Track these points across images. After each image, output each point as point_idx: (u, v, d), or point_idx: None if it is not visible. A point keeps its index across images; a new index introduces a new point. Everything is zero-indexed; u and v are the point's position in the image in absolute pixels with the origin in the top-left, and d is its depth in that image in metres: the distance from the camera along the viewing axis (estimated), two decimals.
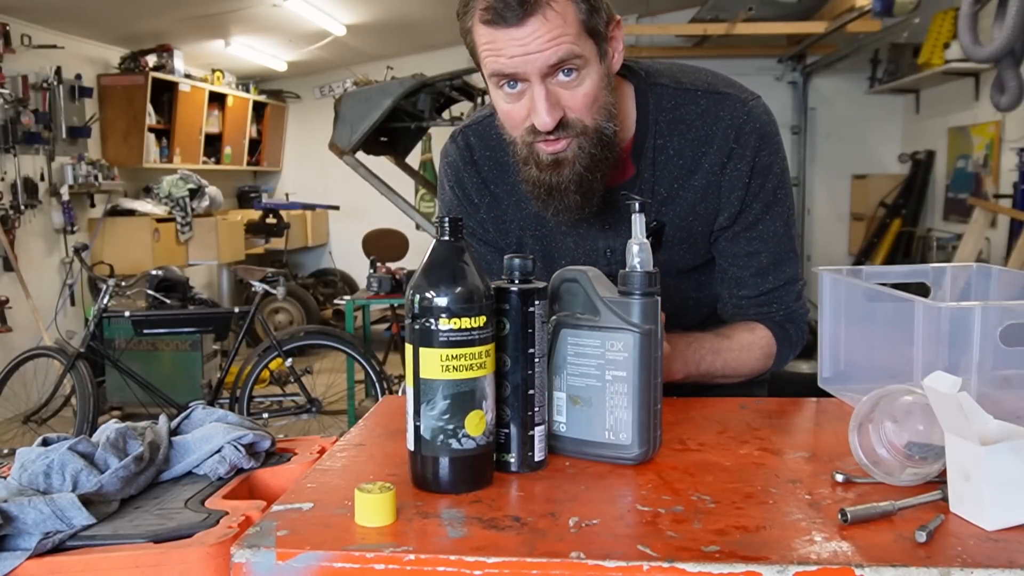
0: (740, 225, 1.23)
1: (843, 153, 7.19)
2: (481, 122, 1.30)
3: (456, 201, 1.31)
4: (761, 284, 1.26)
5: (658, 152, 1.21)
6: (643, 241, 0.93)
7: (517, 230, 1.30)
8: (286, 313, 6.60)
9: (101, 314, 4.20)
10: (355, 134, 4.39)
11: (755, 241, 1.24)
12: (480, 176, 1.29)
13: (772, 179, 1.22)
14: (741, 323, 1.28)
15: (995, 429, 0.78)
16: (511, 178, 1.25)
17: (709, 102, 1.20)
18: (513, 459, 0.90)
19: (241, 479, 0.96)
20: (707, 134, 1.20)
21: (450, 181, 1.32)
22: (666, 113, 1.20)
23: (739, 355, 1.25)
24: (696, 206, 1.22)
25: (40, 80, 5.17)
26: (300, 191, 7.96)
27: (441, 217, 0.85)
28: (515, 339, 0.88)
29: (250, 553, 0.72)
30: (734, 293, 1.28)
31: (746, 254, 1.25)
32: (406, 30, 6.66)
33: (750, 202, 1.22)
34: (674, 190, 1.22)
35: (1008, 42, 2.83)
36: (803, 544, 0.72)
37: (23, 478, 0.89)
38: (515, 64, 1.03)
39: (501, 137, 1.20)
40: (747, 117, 1.19)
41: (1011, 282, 1.17)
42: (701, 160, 1.20)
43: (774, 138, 1.22)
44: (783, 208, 1.25)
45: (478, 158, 1.29)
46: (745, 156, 1.19)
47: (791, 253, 1.27)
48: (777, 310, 1.28)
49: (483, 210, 1.30)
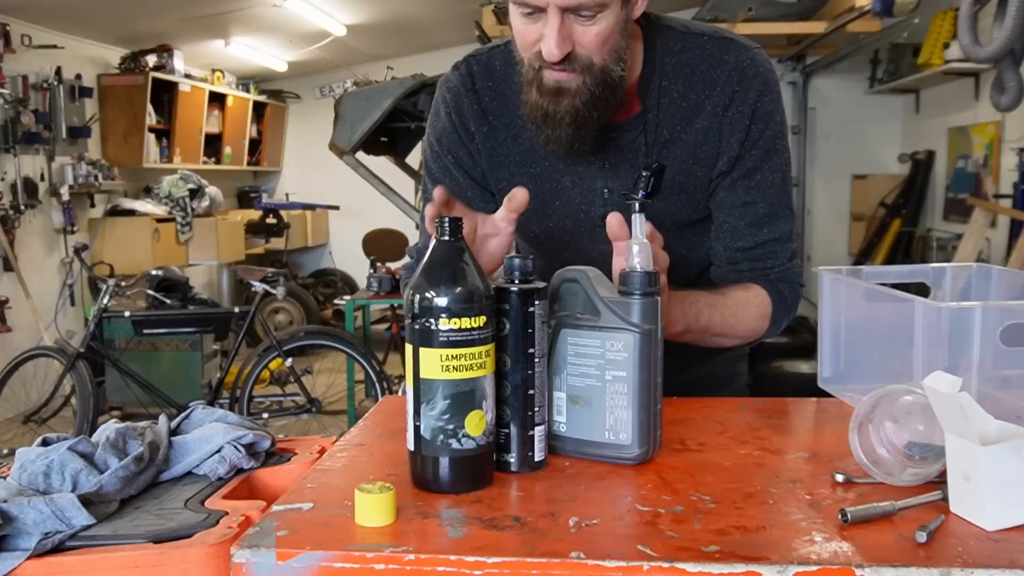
0: (738, 171, 1.23)
1: (843, 153, 7.19)
2: (485, 52, 1.30)
3: (451, 128, 1.29)
4: (756, 235, 1.25)
5: (663, 94, 1.21)
6: (643, 241, 0.93)
7: (511, 164, 1.28)
8: (286, 313, 6.60)
9: (101, 314, 4.20)
10: (355, 134, 4.38)
11: (752, 191, 1.24)
12: (480, 105, 1.28)
13: (773, 127, 1.23)
14: (737, 283, 1.27)
15: (995, 429, 0.78)
16: (510, 110, 1.25)
17: (714, 46, 1.21)
18: (513, 459, 0.90)
19: (241, 479, 0.96)
20: (711, 77, 1.20)
21: (447, 107, 1.29)
22: (672, 56, 1.21)
23: (736, 311, 1.23)
24: (697, 149, 1.22)
25: (40, 80, 5.17)
26: (300, 191, 7.96)
27: (441, 217, 0.85)
28: (515, 339, 0.88)
29: (250, 553, 0.72)
30: (729, 246, 1.27)
31: (743, 203, 1.25)
32: (406, 30, 6.67)
33: (749, 147, 1.22)
34: (676, 132, 1.22)
35: (1008, 42, 2.83)
36: (803, 544, 0.72)
37: (23, 478, 0.89)
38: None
39: (504, 69, 1.22)
40: (751, 62, 1.21)
41: (1011, 282, 1.17)
42: (704, 103, 1.21)
43: (776, 87, 1.23)
44: (781, 160, 1.25)
45: (479, 87, 1.28)
46: (747, 99, 1.20)
47: (787, 209, 1.27)
48: (772, 266, 1.26)
49: (478, 139, 1.28)
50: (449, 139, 1.29)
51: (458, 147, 1.29)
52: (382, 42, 6.97)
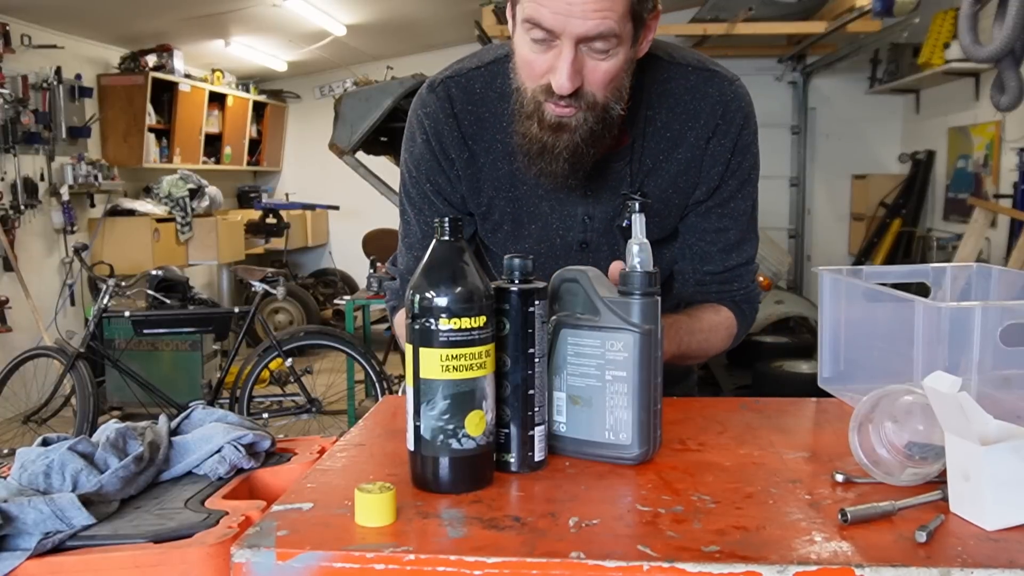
0: (714, 201, 1.26)
1: (843, 153, 7.19)
2: (464, 74, 1.24)
3: (429, 155, 1.26)
4: (726, 260, 1.29)
5: (647, 123, 1.22)
6: (643, 241, 0.93)
7: (490, 190, 1.26)
8: (286, 313, 6.60)
9: (101, 314, 4.20)
10: (355, 134, 4.38)
11: (726, 218, 1.27)
12: (460, 130, 1.24)
13: (749, 158, 1.25)
14: (705, 305, 1.30)
15: (995, 429, 0.78)
16: (489, 135, 1.23)
17: (698, 78, 1.22)
18: (513, 459, 0.90)
19: (241, 479, 0.96)
20: (694, 109, 1.21)
21: (424, 133, 1.25)
22: (658, 85, 1.21)
23: (709, 336, 1.27)
24: (677, 178, 1.24)
25: (40, 80, 5.17)
26: (300, 191, 7.96)
27: (441, 217, 0.85)
28: (515, 339, 0.88)
29: (250, 553, 0.72)
30: (698, 268, 1.30)
31: (715, 230, 1.27)
32: (406, 30, 6.66)
33: (728, 178, 1.24)
34: (658, 161, 1.23)
35: (1008, 42, 2.83)
36: (803, 544, 0.72)
37: (23, 478, 0.89)
38: (555, 21, 1.01)
39: (484, 92, 1.20)
40: (733, 95, 1.22)
41: (1011, 282, 1.17)
42: (687, 134, 1.22)
43: (754, 119, 1.26)
44: (753, 188, 1.28)
45: (459, 111, 1.23)
46: (730, 133, 1.22)
47: (753, 234, 1.31)
48: (738, 289, 1.31)
49: (458, 165, 1.25)
50: (428, 166, 1.26)
51: (437, 174, 1.26)
52: (382, 42, 6.97)
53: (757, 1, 5.15)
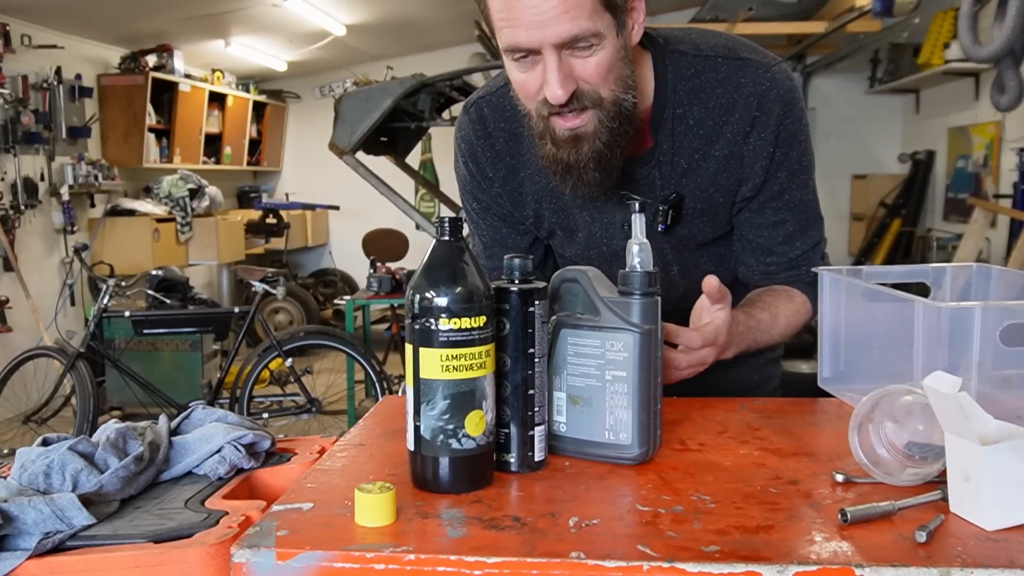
0: (765, 195, 1.21)
1: (843, 153, 7.19)
2: (495, 92, 1.25)
3: (469, 176, 1.29)
4: (789, 251, 1.25)
5: (677, 122, 1.17)
6: (643, 241, 0.93)
7: (533, 203, 1.27)
8: (286, 313, 6.60)
9: (101, 314, 4.20)
10: (355, 134, 4.39)
11: (781, 211, 1.22)
12: (494, 149, 1.25)
13: (797, 147, 1.19)
14: (778, 290, 1.27)
15: (995, 429, 0.78)
16: (526, 149, 1.22)
17: (730, 69, 1.16)
18: (513, 459, 0.90)
19: (241, 479, 0.96)
20: (728, 102, 1.15)
21: (463, 155, 1.28)
22: (685, 82, 1.16)
23: (788, 324, 1.26)
24: (717, 177, 1.19)
25: (40, 80, 5.17)
26: (300, 191, 7.97)
27: (441, 217, 0.85)
28: (515, 339, 0.88)
29: (250, 553, 0.72)
30: (761, 260, 1.27)
31: (772, 224, 1.23)
32: (406, 30, 6.66)
33: (775, 171, 1.19)
34: (695, 161, 1.19)
35: (1008, 42, 2.83)
36: (803, 544, 0.72)
37: (23, 478, 0.89)
38: (530, 37, 1.00)
39: (516, 108, 1.17)
40: (770, 84, 1.15)
41: (1011, 282, 1.17)
42: (722, 129, 1.16)
43: (797, 104, 1.18)
44: (808, 175, 1.23)
45: (492, 130, 1.25)
46: (769, 125, 1.16)
47: (816, 217, 1.26)
48: (806, 272, 1.27)
49: (498, 184, 1.27)
50: (471, 186, 1.30)
51: (480, 192, 1.29)
52: (382, 42, 6.97)
53: (757, 1, 5.15)
